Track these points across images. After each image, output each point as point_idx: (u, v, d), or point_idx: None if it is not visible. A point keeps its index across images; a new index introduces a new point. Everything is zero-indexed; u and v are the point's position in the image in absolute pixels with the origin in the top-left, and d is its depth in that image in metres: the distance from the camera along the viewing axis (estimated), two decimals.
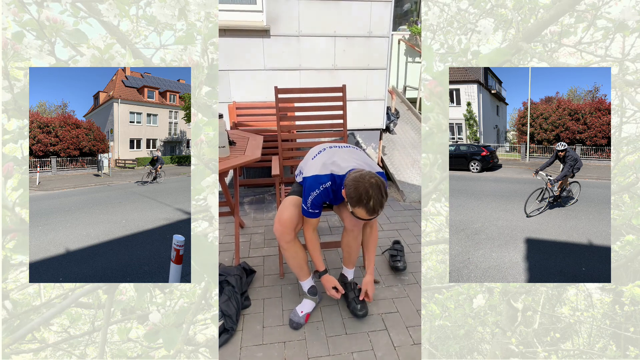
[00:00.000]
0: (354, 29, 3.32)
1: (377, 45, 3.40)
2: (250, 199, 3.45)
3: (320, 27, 3.29)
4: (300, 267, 1.90)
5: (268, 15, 3.19)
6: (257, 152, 2.13)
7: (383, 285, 2.23)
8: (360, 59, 3.43)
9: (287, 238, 1.78)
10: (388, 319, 1.95)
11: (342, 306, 2.03)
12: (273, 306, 2.04)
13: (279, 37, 3.28)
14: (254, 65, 3.35)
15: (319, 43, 3.34)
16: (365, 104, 3.60)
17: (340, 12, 3.25)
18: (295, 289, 2.18)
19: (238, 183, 2.54)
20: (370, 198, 1.50)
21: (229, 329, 1.81)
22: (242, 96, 3.42)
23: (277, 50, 3.32)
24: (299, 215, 1.79)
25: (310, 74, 3.43)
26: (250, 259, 2.48)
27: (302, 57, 3.37)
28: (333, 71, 3.45)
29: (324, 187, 1.69)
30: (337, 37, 3.34)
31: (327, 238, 2.75)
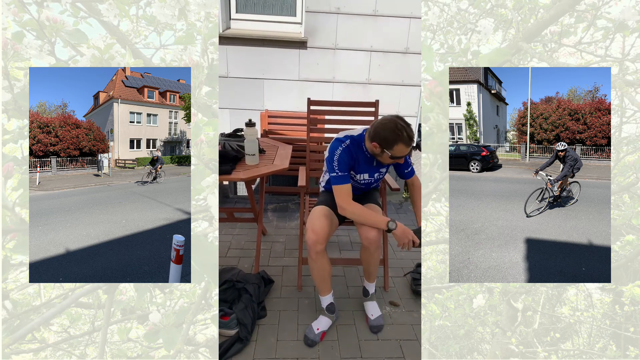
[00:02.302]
0: (391, 44, 3.34)
1: (413, 62, 3.41)
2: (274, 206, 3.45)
3: (357, 41, 3.33)
4: (324, 280, 1.86)
5: (306, 27, 3.25)
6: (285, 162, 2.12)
7: (403, 310, 2.11)
8: (395, 75, 3.44)
9: (319, 248, 1.73)
10: (406, 346, 1.84)
11: (359, 327, 1.95)
12: (289, 319, 1.99)
13: (315, 49, 3.34)
14: (289, 75, 3.41)
15: (355, 57, 3.38)
16: None
17: (377, 27, 3.29)
18: (312, 304, 2.11)
19: (264, 190, 2.53)
20: (403, 129, 1.56)
21: (244, 339, 1.78)
22: (274, 105, 3.48)
23: (312, 61, 3.37)
24: (330, 226, 1.78)
25: (343, 86, 3.47)
26: (269, 268, 2.42)
27: (337, 69, 3.41)
28: (367, 85, 3.47)
29: (345, 145, 1.71)
30: (373, 52, 3.37)
31: (348, 254, 2.68)
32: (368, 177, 1.86)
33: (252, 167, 2.04)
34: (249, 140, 2.04)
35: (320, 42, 3.30)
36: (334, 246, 2.75)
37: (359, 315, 2.03)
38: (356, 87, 3.47)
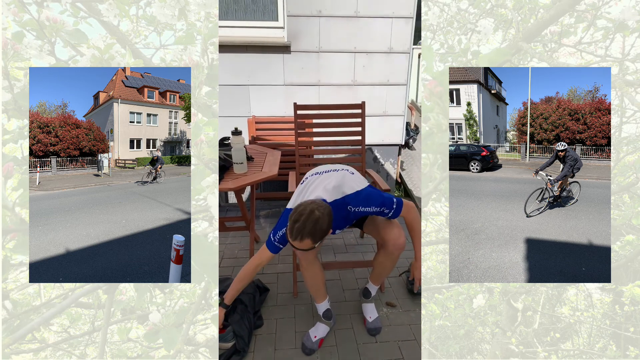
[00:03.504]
0: (375, 45, 3.35)
1: (397, 61, 3.42)
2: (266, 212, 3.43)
3: (341, 43, 3.33)
4: (318, 288, 1.84)
5: (289, 31, 3.25)
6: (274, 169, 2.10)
7: (400, 310, 2.09)
8: (380, 75, 3.45)
9: (310, 257, 1.71)
10: (405, 347, 1.83)
11: (357, 330, 1.94)
12: (286, 327, 1.96)
13: (299, 53, 3.33)
14: (274, 80, 3.41)
15: (339, 59, 3.39)
16: (385, 120, 3.61)
17: (360, 29, 3.29)
18: (309, 310, 2.09)
19: (255, 197, 2.51)
20: (294, 223, 1.40)
21: (241, 351, 1.76)
22: (261, 110, 3.47)
23: (297, 65, 3.37)
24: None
25: (329, 89, 3.48)
26: (264, 276, 2.38)
27: (322, 72, 3.41)
28: (353, 87, 3.48)
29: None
30: (357, 53, 3.38)
31: (343, 257, 2.63)
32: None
33: (240, 175, 2.01)
34: (236, 149, 2.02)
35: (304, 45, 3.30)
36: (328, 250, 2.71)
37: (357, 319, 2.01)
38: (342, 89, 3.47)
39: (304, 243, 1.41)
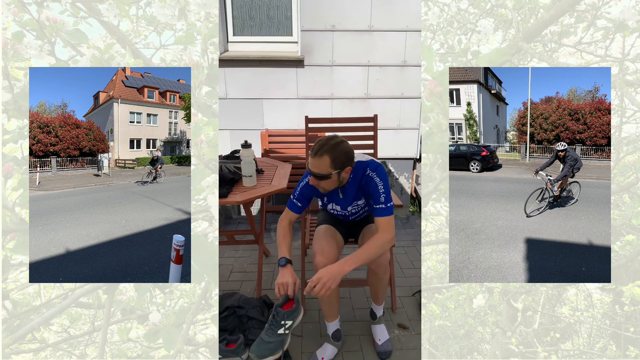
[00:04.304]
0: (388, 58, 3.36)
1: (411, 75, 3.41)
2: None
3: (354, 57, 3.35)
4: (332, 305, 1.79)
5: (303, 45, 3.28)
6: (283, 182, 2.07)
7: (412, 333, 1.98)
8: (393, 88, 3.45)
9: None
10: None
11: (366, 353, 1.86)
12: (293, 346, 1.87)
13: (313, 67, 3.36)
14: (287, 94, 3.44)
15: (352, 72, 3.40)
16: (399, 133, 3.61)
17: (374, 42, 3.30)
18: (317, 329, 2.02)
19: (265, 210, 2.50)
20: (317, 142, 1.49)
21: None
22: (274, 124, 3.51)
23: (310, 79, 3.40)
24: (338, 247, 1.72)
25: (342, 102, 3.49)
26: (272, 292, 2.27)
27: (335, 86, 3.43)
28: (366, 100, 3.48)
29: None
30: (370, 67, 3.39)
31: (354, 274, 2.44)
32: (340, 210, 1.75)
33: (249, 189, 1.98)
34: (246, 162, 1.99)
35: (317, 59, 3.33)
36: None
37: (366, 340, 1.92)
38: (355, 103, 3.48)
39: (323, 160, 1.44)
